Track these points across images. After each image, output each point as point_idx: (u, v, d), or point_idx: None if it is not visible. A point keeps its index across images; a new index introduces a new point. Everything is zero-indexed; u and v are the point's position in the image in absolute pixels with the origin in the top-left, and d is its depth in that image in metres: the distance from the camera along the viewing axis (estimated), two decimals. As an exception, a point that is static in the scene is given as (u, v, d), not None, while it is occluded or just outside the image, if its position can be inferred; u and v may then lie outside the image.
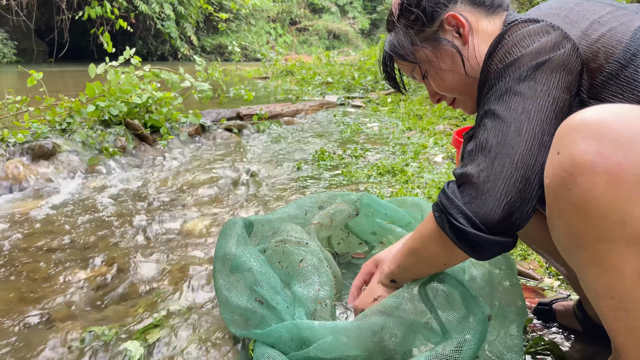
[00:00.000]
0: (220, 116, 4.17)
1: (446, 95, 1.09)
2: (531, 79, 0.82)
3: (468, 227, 0.79)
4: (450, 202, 0.83)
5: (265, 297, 1.11)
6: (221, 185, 2.58)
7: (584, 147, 0.68)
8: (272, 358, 0.99)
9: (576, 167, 0.68)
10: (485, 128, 0.84)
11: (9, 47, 14.14)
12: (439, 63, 1.01)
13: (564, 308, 1.26)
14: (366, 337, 0.96)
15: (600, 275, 0.73)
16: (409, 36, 1.03)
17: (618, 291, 0.72)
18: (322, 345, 0.95)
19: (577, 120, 0.71)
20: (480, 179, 0.80)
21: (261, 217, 1.47)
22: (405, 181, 2.59)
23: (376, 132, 4.27)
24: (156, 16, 15.91)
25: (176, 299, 1.43)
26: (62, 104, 3.15)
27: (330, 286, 1.19)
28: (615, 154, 0.66)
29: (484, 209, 0.79)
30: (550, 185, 0.74)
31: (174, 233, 1.94)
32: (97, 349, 1.18)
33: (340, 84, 7.76)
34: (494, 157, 0.81)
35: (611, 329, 0.79)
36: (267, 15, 23.55)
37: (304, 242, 1.28)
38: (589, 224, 0.69)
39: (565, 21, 0.86)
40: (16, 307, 1.37)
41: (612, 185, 0.66)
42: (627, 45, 0.80)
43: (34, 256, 1.70)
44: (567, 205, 0.71)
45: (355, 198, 1.54)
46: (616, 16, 0.85)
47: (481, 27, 0.99)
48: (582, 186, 0.68)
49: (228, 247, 1.24)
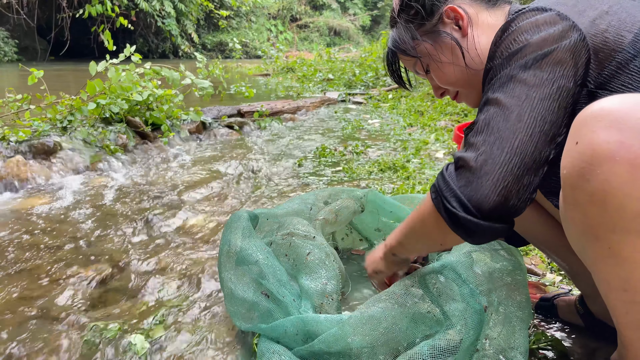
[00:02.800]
0: (221, 113, 4.17)
1: (449, 88, 1.09)
2: (536, 67, 0.81)
3: (460, 211, 0.78)
4: (446, 185, 0.82)
5: (271, 290, 1.11)
6: (223, 182, 2.58)
7: (605, 137, 0.66)
8: (276, 353, 0.99)
9: (596, 157, 0.67)
10: (487, 113, 0.83)
11: (10, 45, 14.13)
12: (439, 56, 1.02)
13: (565, 303, 1.26)
14: (371, 326, 0.96)
15: (615, 267, 0.72)
16: (409, 31, 1.04)
17: (632, 283, 0.71)
18: (326, 338, 0.95)
19: (597, 109, 0.69)
20: (477, 162, 0.79)
21: (266, 211, 1.47)
22: (406, 177, 2.59)
23: (377, 128, 4.27)
24: (157, 14, 15.89)
25: (179, 295, 1.43)
26: (63, 102, 3.15)
27: (337, 281, 1.20)
28: (638, 143, 0.64)
29: (479, 194, 0.77)
30: (567, 176, 0.72)
31: (176, 230, 1.94)
32: (101, 344, 1.18)
33: (341, 80, 7.75)
34: (493, 142, 0.79)
35: (621, 323, 0.78)
36: (268, 12, 23.51)
37: (311, 235, 1.28)
38: (605, 215, 0.68)
39: (574, 10, 0.85)
40: (19, 305, 1.37)
41: (633, 176, 0.64)
42: (636, 35, 0.79)
43: (36, 254, 1.70)
44: (584, 195, 0.70)
45: (361, 195, 1.53)
46: (624, 7, 0.84)
47: (481, 19, 0.99)
48: (601, 176, 0.66)
49: (234, 240, 1.24)
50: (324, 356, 0.96)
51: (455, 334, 0.92)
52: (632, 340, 0.78)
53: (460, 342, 0.90)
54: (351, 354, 0.94)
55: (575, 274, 1.18)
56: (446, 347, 0.90)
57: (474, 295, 0.97)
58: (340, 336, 0.95)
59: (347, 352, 0.94)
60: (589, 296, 1.17)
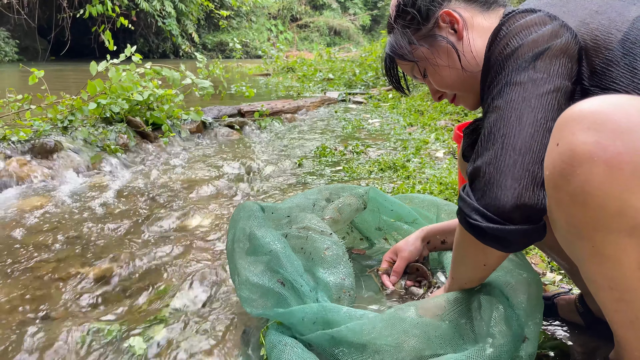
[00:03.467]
0: (222, 113, 4.17)
1: (446, 92, 1.10)
2: (531, 68, 0.83)
3: (483, 222, 0.80)
4: (464, 202, 0.84)
5: (288, 279, 1.11)
6: (223, 181, 2.58)
7: (583, 138, 0.68)
8: (288, 345, 0.99)
9: (575, 157, 0.68)
10: (488, 121, 0.86)
11: (10, 45, 14.13)
12: (435, 59, 1.03)
13: (565, 302, 1.26)
14: (400, 328, 0.95)
15: (600, 265, 0.73)
16: (406, 36, 1.06)
17: (618, 282, 0.72)
18: (355, 327, 0.95)
19: (576, 111, 0.71)
20: (487, 171, 0.81)
21: (271, 205, 1.48)
22: (406, 177, 2.59)
23: (377, 128, 4.27)
24: (157, 14, 15.88)
25: (180, 295, 1.43)
26: (64, 102, 3.15)
27: (353, 278, 1.21)
28: (613, 144, 0.65)
29: (495, 200, 0.79)
30: (549, 176, 0.74)
31: (177, 229, 1.94)
32: (100, 346, 1.18)
33: (342, 80, 7.75)
34: (498, 148, 0.81)
35: (612, 321, 0.79)
36: (268, 12, 23.51)
37: (327, 232, 1.30)
38: (587, 214, 0.69)
39: (563, 10, 0.87)
40: (19, 304, 1.37)
41: (610, 175, 0.65)
42: (626, 34, 0.81)
43: (37, 253, 1.70)
44: (566, 196, 0.71)
45: (363, 192, 1.54)
46: (614, 6, 0.85)
47: (476, 22, 1.00)
48: (581, 177, 0.68)
49: (250, 228, 1.24)
50: (345, 344, 0.96)
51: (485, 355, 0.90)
52: (626, 337, 0.78)
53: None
54: (374, 350, 0.93)
55: (575, 273, 1.18)
56: None
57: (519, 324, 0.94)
58: (369, 329, 0.95)
59: (370, 347, 0.94)
60: (588, 295, 1.17)
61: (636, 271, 0.69)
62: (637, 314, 0.73)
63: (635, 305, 0.73)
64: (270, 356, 1.00)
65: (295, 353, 0.96)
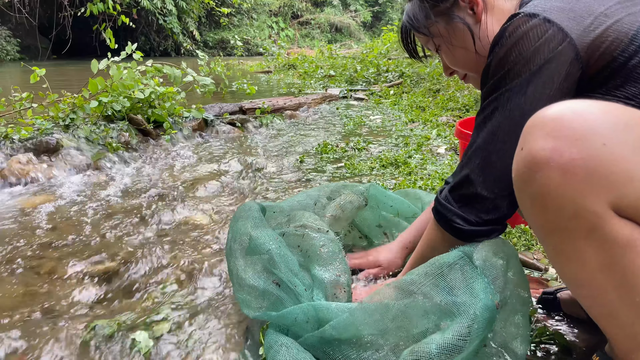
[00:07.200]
0: (223, 110, 4.17)
1: (458, 70, 1.10)
2: (522, 94, 0.87)
3: (465, 225, 0.95)
4: (444, 207, 0.98)
5: (282, 279, 1.11)
6: (225, 179, 2.58)
7: (542, 144, 0.70)
8: (284, 345, 0.99)
9: (535, 162, 0.71)
10: (477, 137, 0.94)
11: (12, 44, 14.14)
12: (450, 39, 1.03)
13: (568, 297, 1.26)
14: (382, 314, 0.96)
15: (564, 265, 0.76)
16: (423, 10, 1.05)
17: (584, 282, 0.74)
18: (337, 324, 0.96)
19: (540, 117, 0.73)
20: (470, 184, 0.93)
21: (273, 204, 1.48)
22: (408, 173, 2.59)
23: (379, 124, 4.26)
24: (158, 12, 15.88)
25: (182, 292, 1.43)
26: (65, 100, 3.16)
27: (349, 275, 1.21)
28: (569, 150, 0.68)
29: (476, 211, 0.93)
30: (515, 180, 0.77)
31: (179, 227, 1.95)
32: (104, 342, 1.18)
33: (343, 77, 7.73)
34: (482, 165, 0.91)
35: (591, 315, 0.80)
36: (269, 9, 23.47)
37: (324, 229, 1.30)
38: (547, 217, 0.73)
39: (570, 16, 0.85)
40: (22, 302, 1.38)
41: (565, 180, 0.68)
42: (633, 37, 0.80)
43: (39, 251, 1.71)
44: (528, 199, 0.75)
45: (363, 189, 1.54)
46: (625, 6, 0.84)
47: (497, 5, 1.00)
48: (539, 181, 0.71)
49: (245, 229, 1.24)
50: (335, 342, 0.96)
51: (464, 329, 0.91)
52: (607, 330, 0.80)
53: (468, 338, 0.89)
54: (362, 341, 0.94)
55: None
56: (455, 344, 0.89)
57: (488, 291, 0.96)
58: (351, 322, 0.95)
59: (358, 339, 0.94)
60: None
61: (598, 273, 0.71)
62: (611, 310, 0.74)
63: (603, 302, 0.74)
64: (267, 356, 1.00)
65: (290, 354, 0.97)
